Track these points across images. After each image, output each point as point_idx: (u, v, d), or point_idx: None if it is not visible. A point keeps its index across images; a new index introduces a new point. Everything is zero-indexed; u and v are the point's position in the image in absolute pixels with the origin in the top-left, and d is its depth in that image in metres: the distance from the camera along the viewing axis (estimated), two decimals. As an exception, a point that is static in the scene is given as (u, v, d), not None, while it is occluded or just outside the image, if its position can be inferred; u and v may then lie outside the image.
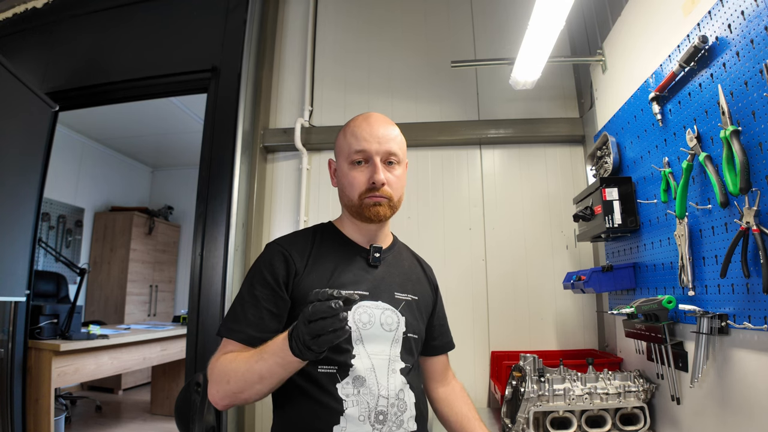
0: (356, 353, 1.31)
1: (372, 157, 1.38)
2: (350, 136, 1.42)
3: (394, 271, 1.52)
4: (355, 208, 1.42)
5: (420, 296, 1.54)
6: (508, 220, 3.03)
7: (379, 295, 1.41)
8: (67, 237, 6.58)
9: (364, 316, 1.35)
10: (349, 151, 1.40)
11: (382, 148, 1.39)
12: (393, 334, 1.39)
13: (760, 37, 1.33)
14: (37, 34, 3.59)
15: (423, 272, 1.66)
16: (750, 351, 1.43)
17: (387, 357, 1.36)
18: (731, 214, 1.47)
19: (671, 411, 1.90)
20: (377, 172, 1.37)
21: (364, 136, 1.39)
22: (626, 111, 2.25)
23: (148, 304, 7.47)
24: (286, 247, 1.41)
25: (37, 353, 3.29)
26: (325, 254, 1.43)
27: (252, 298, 1.32)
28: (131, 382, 6.63)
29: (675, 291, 1.83)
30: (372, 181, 1.37)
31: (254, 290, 1.33)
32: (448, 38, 3.33)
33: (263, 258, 1.41)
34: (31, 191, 3.17)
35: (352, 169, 1.40)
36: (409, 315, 1.45)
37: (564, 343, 2.86)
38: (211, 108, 3.04)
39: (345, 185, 1.43)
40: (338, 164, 1.47)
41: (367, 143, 1.38)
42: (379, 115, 1.47)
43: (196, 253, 2.83)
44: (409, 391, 1.38)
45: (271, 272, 1.35)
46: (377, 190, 1.38)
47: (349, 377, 1.29)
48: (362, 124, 1.43)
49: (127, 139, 7.22)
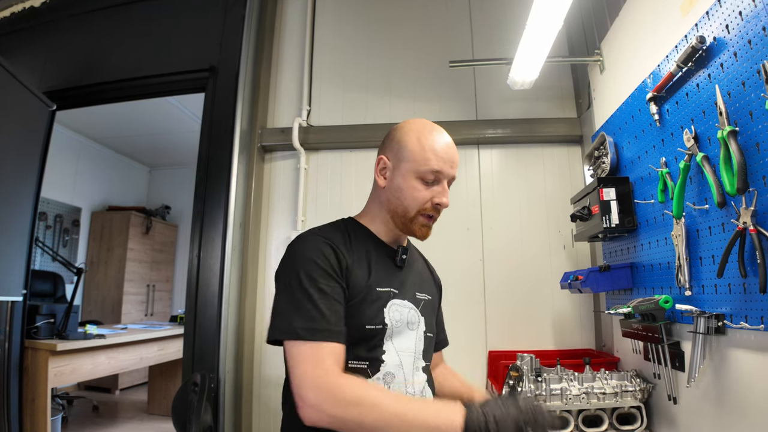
0: (386, 349, 1.32)
1: (442, 180, 1.38)
2: (429, 152, 1.37)
3: (413, 271, 1.53)
4: (406, 220, 1.40)
5: (432, 296, 1.57)
6: (506, 220, 3.03)
7: (405, 294, 1.42)
8: (64, 236, 6.56)
9: (396, 314, 1.36)
10: (424, 167, 1.36)
11: (452, 172, 1.39)
12: (416, 332, 1.41)
13: (758, 38, 1.33)
14: (34, 34, 3.58)
15: (430, 272, 1.69)
16: (747, 351, 1.43)
17: (412, 354, 1.38)
18: (728, 215, 1.47)
19: (668, 410, 1.90)
20: (445, 195, 1.37)
21: (444, 157, 1.36)
22: (624, 111, 2.25)
23: (145, 304, 7.45)
24: (331, 239, 1.35)
25: (34, 353, 3.28)
26: (360, 251, 1.40)
27: (319, 291, 1.23)
28: (128, 382, 6.61)
29: (672, 291, 1.83)
30: (437, 203, 1.37)
31: (318, 283, 1.24)
32: (446, 38, 3.33)
33: (309, 248, 1.32)
34: (28, 190, 3.16)
35: (420, 183, 1.37)
36: (427, 314, 1.48)
37: (561, 343, 2.87)
38: (209, 107, 3.03)
39: (405, 195, 1.39)
40: (399, 169, 1.41)
41: (445, 165, 1.36)
42: (447, 133, 1.44)
43: (194, 253, 2.83)
44: (428, 389, 1.40)
45: (327, 262, 1.28)
46: (438, 213, 1.39)
47: (380, 372, 1.29)
48: (441, 141, 1.39)
49: (124, 138, 7.20)
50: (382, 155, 1.47)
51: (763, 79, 1.27)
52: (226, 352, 2.66)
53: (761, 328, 1.33)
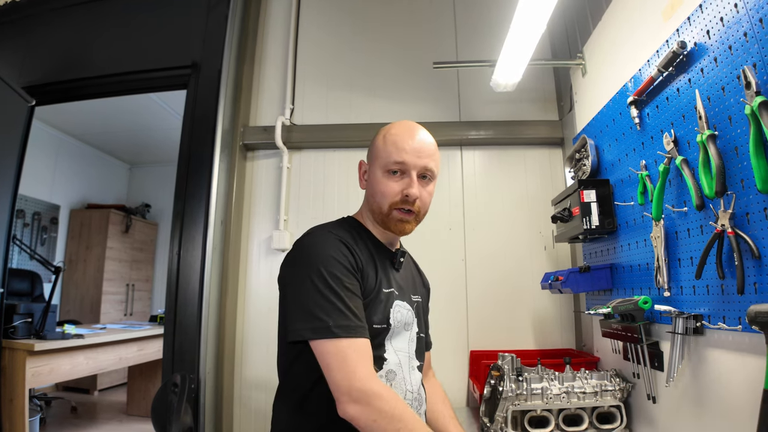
0: (387, 348, 1.34)
1: (409, 171, 1.38)
2: (391, 145, 1.39)
3: (407, 273, 1.56)
4: (383, 217, 1.41)
5: (423, 298, 1.60)
6: (488, 220, 3.05)
7: (404, 296, 1.44)
8: (42, 234, 6.46)
9: (399, 314, 1.38)
10: (386, 159, 1.38)
11: (420, 162, 1.38)
12: (410, 333, 1.44)
13: (738, 44, 1.35)
14: (15, 28, 3.50)
15: (420, 275, 1.71)
16: (724, 351, 1.45)
17: (407, 354, 1.40)
18: (707, 217, 1.50)
19: (647, 410, 1.93)
20: (412, 186, 1.37)
21: (405, 147, 1.37)
22: (605, 114, 2.28)
23: (124, 304, 7.36)
24: (344, 238, 1.35)
25: (11, 353, 3.22)
26: (366, 251, 1.41)
27: (345, 289, 1.24)
28: (107, 382, 6.52)
29: (651, 292, 1.85)
30: (406, 194, 1.37)
31: (343, 281, 1.24)
32: (430, 39, 3.34)
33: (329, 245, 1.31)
34: (5, 187, 3.11)
35: (387, 177, 1.39)
36: (420, 315, 1.51)
37: (542, 343, 2.89)
38: (191, 104, 3.00)
39: (376, 192, 1.41)
40: (371, 169, 1.45)
41: (407, 155, 1.37)
42: (421, 127, 1.46)
43: (174, 252, 2.80)
44: (422, 388, 1.44)
45: (346, 259, 1.29)
46: (410, 204, 1.38)
47: (383, 370, 1.31)
48: (404, 134, 1.41)
49: (104, 135, 7.10)
50: (362, 160, 1.52)
51: (743, 85, 1.29)
52: (206, 352, 2.64)
53: (739, 329, 1.36)
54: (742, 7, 1.33)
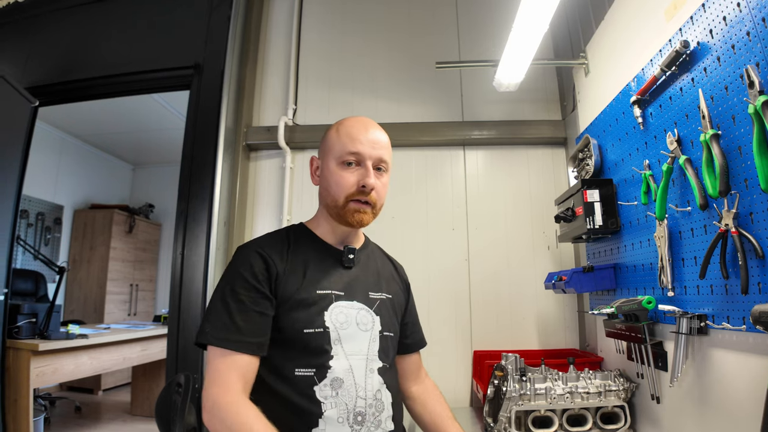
0: (334, 354, 1.31)
1: (365, 161, 1.38)
2: (344, 136, 1.40)
3: (367, 271, 1.53)
4: (338, 209, 1.40)
5: (393, 294, 1.56)
6: (491, 220, 3.04)
7: (353, 295, 1.42)
8: (45, 235, 6.48)
9: (341, 316, 1.36)
10: (341, 151, 1.39)
11: (375, 153, 1.39)
12: (369, 333, 1.40)
13: (741, 43, 1.35)
14: (17, 28, 3.52)
15: (395, 271, 1.68)
16: (728, 351, 1.45)
17: (365, 356, 1.36)
18: (710, 217, 1.49)
19: (651, 410, 1.92)
20: (369, 176, 1.37)
21: (359, 138, 1.39)
22: (608, 114, 2.27)
23: (128, 304, 7.38)
24: (265, 249, 1.38)
25: (15, 353, 3.23)
26: (300, 256, 1.42)
27: (238, 303, 1.27)
28: (111, 382, 6.54)
29: (655, 291, 1.85)
30: (362, 185, 1.37)
31: (238, 295, 1.28)
32: (432, 39, 3.34)
33: (240, 261, 1.36)
34: (9, 188, 3.12)
35: (342, 169, 1.39)
36: (384, 313, 1.47)
37: (545, 343, 2.89)
38: (194, 105, 3.01)
39: (331, 184, 1.41)
40: (324, 162, 1.45)
41: (362, 146, 1.38)
42: (372, 120, 1.47)
43: (177, 252, 2.81)
44: (386, 391, 1.38)
45: (252, 274, 1.31)
46: (366, 195, 1.38)
47: (327, 379, 1.28)
48: (357, 125, 1.42)
49: (107, 135, 7.12)
50: (313, 156, 1.53)
51: (746, 84, 1.28)
52: (210, 352, 2.64)
53: (743, 329, 1.35)
54: (745, 6, 1.33)
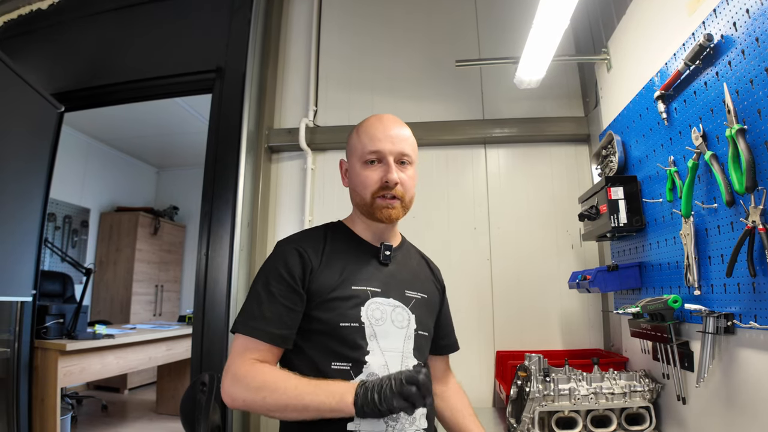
0: (370, 349, 1.32)
1: (385, 157, 1.40)
2: (364, 136, 1.43)
3: (403, 269, 1.53)
4: (367, 207, 1.42)
5: (429, 295, 1.56)
6: (513, 219, 3.02)
7: (389, 292, 1.42)
8: (72, 237, 6.61)
9: (377, 312, 1.36)
10: (362, 151, 1.42)
11: (395, 148, 1.40)
12: (405, 330, 1.40)
13: (765, 35, 1.32)
14: (42, 36, 3.60)
15: (431, 272, 1.68)
16: (756, 350, 1.42)
17: (400, 353, 1.37)
18: (737, 213, 1.46)
19: (677, 411, 1.89)
20: (391, 171, 1.38)
21: (378, 136, 1.41)
22: (631, 110, 2.24)
23: (153, 304, 7.49)
24: (300, 244, 1.41)
25: (43, 353, 3.30)
26: (337, 252, 1.43)
27: (268, 294, 1.31)
28: (137, 381, 6.65)
29: (681, 290, 1.82)
30: (385, 180, 1.38)
31: (269, 287, 1.32)
32: (452, 37, 3.32)
33: (277, 256, 1.40)
34: (37, 192, 3.19)
35: (365, 168, 1.41)
36: (420, 313, 1.47)
37: (569, 343, 2.86)
38: (216, 108, 3.05)
39: (357, 184, 1.44)
40: (350, 164, 1.49)
41: (381, 143, 1.40)
42: (391, 115, 1.49)
43: (202, 253, 2.84)
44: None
45: (287, 269, 1.34)
46: (390, 190, 1.39)
47: (363, 374, 1.29)
48: (376, 123, 1.45)
49: (132, 139, 7.24)
50: (342, 159, 1.57)
51: (772, 77, 1.26)
52: (234, 352, 2.66)
53: (771, 328, 1.33)
54: (770, -3, 1.30)
